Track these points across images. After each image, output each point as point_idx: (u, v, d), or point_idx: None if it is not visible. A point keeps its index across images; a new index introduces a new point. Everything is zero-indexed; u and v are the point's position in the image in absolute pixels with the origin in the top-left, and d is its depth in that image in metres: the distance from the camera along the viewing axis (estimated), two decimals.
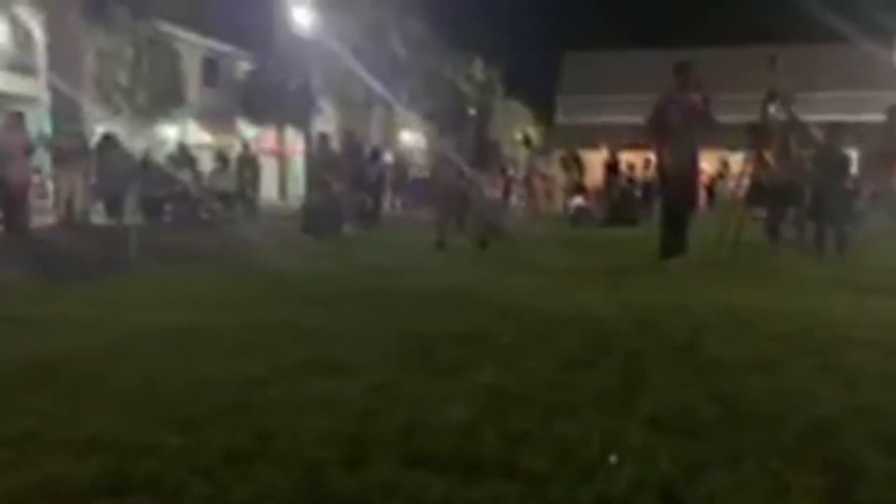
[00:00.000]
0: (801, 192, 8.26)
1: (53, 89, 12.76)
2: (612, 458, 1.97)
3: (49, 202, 13.61)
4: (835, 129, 8.35)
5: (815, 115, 9.03)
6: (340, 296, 4.67)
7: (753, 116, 7.71)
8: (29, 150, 10.71)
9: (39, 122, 13.98)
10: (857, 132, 8.54)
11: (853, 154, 9.07)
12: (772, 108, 7.06)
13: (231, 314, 3.96)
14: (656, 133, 7.00)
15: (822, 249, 7.84)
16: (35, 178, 20.07)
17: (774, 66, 7.04)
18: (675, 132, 6.81)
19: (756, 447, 2.04)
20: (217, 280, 5.50)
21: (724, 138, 7.36)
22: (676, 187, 6.98)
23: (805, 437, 2.12)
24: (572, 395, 2.50)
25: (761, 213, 8.60)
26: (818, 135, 8.47)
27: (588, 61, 37.55)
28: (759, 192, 8.15)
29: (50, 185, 13.45)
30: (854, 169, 9.10)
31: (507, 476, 1.85)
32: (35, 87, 21.19)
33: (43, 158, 13.48)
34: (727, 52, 28.40)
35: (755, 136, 7.32)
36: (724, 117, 7.23)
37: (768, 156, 7.70)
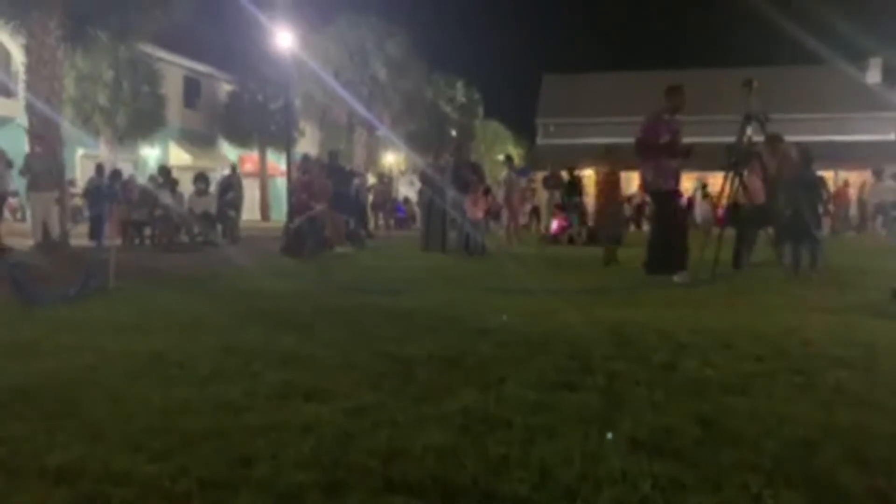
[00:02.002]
0: (778, 213, 8.37)
1: (32, 111, 12.66)
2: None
3: (27, 224, 13.48)
4: (807, 151, 8.51)
5: (790, 137, 9.17)
6: (319, 318, 4.64)
7: (729, 137, 7.83)
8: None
9: (18, 143, 13.87)
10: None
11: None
12: (748, 130, 7.17)
13: (208, 338, 3.92)
14: (645, 152, 7.11)
15: (797, 268, 7.95)
16: (13, 201, 19.97)
17: (750, 89, 7.16)
18: (662, 152, 6.93)
19: (736, 467, 2.04)
20: (195, 303, 5.45)
21: (700, 159, 7.48)
22: (664, 204, 7.11)
23: (784, 457, 2.13)
24: (552, 417, 2.50)
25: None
26: (795, 155, 8.61)
27: (566, 83, 38.10)
28: (737, 212, 8.26)
29: (27, 208, 13.33)
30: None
31: (486, 500, 1.84)
32: (13, 109, 21.08)
33: (19, 181, 13.36)
34: (703, 74, 28.98)
35: (733, 157, 7.42)
36: (700, 138, 7.37)
37: (745, 177, 7.80)
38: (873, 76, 34.46)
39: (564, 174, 16.83)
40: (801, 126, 22.97)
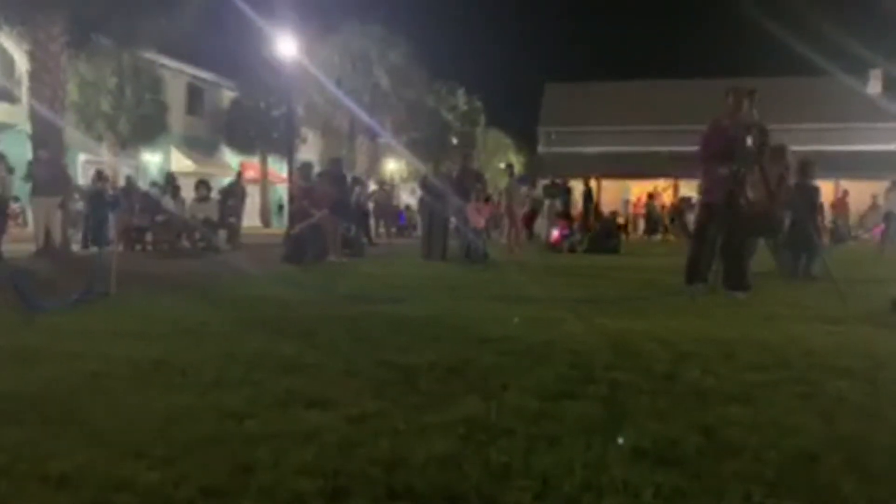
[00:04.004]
0: (779, 222, 8.39)
1: (34, 117, 12.69)
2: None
3: (29, 230, 13.53)
4: (806, 161, 8.56)
5: (792, 147, 9.20)
6: (321, 326, 4.64)
7: None
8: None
9: (21, 149, 13.91)
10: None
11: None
12: (748, 140, 7.15)
13: (211, 345, 3.92)
14: (702, 160, 6.98)
15: (796, 276, 7.98)
16: (15, 207, 20.00)
17: (752, 99, 7.15)
18: (712, 161, 6.83)
19: (738, 477, 2.04)
20: (196, 310, 5.45)
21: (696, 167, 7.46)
22: (701, 215, 7.00)
23: (786, 467, 2.13)
24: (554, 426, 2.50)
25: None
26: (794, 165, 8.64)
27: (568, 92, 38.19)
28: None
29: (29, 214, 13.39)
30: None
31: None
32: (17, 115, 21.14)
33: (22, 187, 13.39)
34: (704, 84, 29.00)
35: (735, 165, 7.39)
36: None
37: (747, 187, 7.78)
38: (874, 87, 34.56)
39: (581, 183, 17.05)
40: (803, 136, 23.01)
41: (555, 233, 16.28)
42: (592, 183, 18.82)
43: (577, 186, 21.77)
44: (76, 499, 1.87)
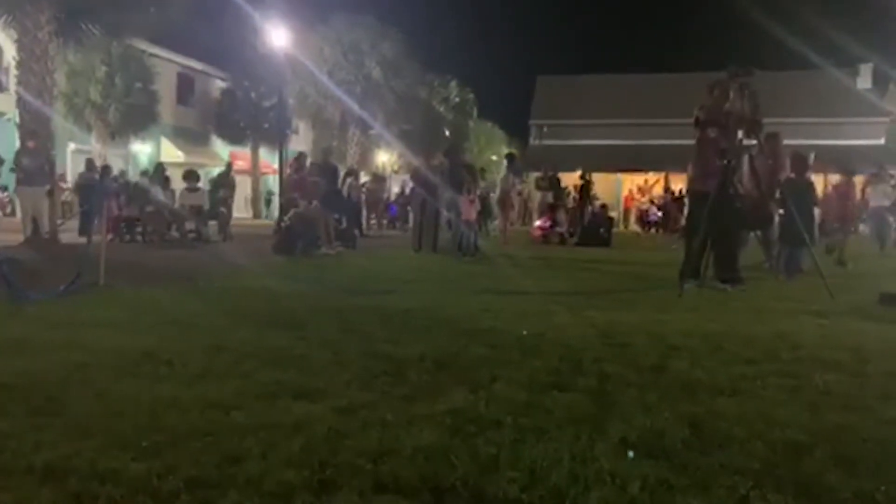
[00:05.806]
0: (770, 216, 8.41)
1: (23, 106, 12.57)
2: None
3: (17, 219, 13.43)
4: (801, 157, 8.57)
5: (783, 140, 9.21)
6: (311, 318, 4.63)
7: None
8: None
9: (9, 138, 13.80)
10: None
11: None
12: (740, 134, 7.16)
13: (199, 336, 3.90)
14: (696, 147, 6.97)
15: (785, 272, 8.00)
16: (2, 196, 19.82)
17: (744, 92, 7.14)
18: (706, 148, 6.82)
19: (724, 469, 2.05)
20: (186, 301, 5.42)
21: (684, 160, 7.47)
22: (695, 205, 6.97)
23: (773, 460, 2.14)
24: (542, 418, 2.50)
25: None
26: (789, 160, 8.66)
27: (560, 85, 38.19)
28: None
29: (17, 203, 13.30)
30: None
31: (476, 501, 1.84)
32: (5, 104, 20.95)
33: (8, 176, 13.27)
34: (695, 77, 29.00)
35: (726, 158, 7.41)
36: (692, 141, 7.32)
37: (736, 179, 7.80)
38: (864, 82, 34.72)
39: (578, 177, 17.23)
40: (793, 130, 23.03)
41: (538, 225, 16.30)
42: (588, 176, 18.84)
43: (568, 179, 21.77)
44: (61, 490, 1.85)
